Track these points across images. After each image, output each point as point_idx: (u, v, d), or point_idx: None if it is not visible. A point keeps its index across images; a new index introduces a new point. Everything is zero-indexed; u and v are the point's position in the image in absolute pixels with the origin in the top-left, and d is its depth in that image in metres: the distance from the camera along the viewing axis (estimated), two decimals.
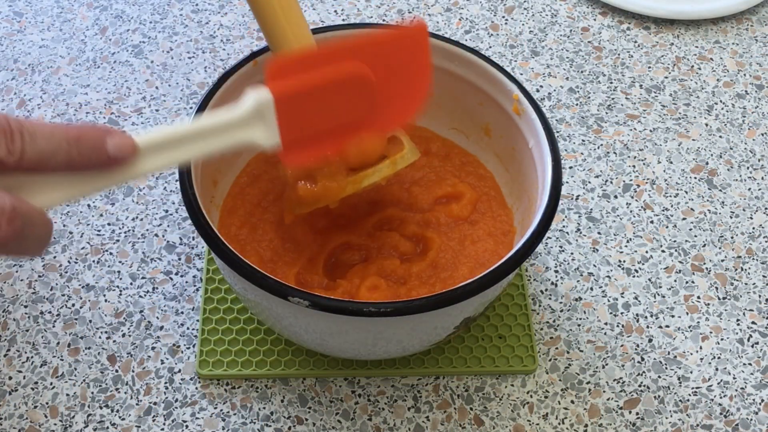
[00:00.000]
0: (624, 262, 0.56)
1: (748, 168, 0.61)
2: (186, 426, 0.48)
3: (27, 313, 0.52)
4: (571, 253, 0.56)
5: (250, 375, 0.50)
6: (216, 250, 0.42)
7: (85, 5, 0.70)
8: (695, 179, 0.61)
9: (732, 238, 0.58)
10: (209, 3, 0.70)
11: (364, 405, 0.49)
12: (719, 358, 0.52)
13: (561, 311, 0.54)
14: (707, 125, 0.64)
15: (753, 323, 0.54)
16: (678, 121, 0.64)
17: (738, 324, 0.54)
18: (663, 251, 0.57)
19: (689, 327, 0.53)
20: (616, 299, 0.54)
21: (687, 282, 0.55)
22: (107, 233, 0.56)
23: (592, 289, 0.55)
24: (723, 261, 0.56)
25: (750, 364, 0.52)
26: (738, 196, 0.60)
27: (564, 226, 0.58)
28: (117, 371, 0.50)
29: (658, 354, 0.52)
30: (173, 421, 0.48)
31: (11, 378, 0.50)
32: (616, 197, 0.59)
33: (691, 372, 0.51)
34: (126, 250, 0.55)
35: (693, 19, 0.70)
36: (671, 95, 0.66)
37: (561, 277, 0.55)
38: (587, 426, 0.49)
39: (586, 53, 0.68)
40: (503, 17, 0.70)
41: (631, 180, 0.60)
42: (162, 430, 0.48)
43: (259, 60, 0.49)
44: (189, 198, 0.43)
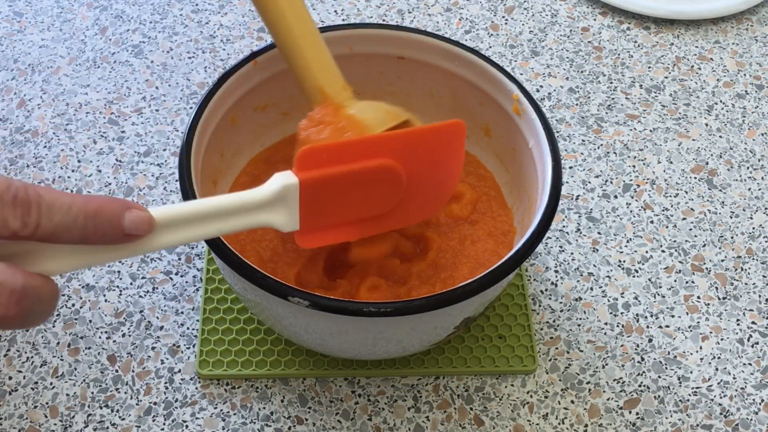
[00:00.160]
0: (624, 262, 0.56)
1: (748, 168, 0.62)
2: (186, 426, 0.48)
3: None
4: (571, 253, 0.56)
5: (250, 375, 0.50)
6: (216, 250, 0.42)
7: (85, 5, 0.70)
8: (695, 179, 0.61)
9: (732, 238, 0.58)
10: (209, 3, 0.70)
11: (364, 405, 0.49)
12: (719, 358, 0.52)
13: (561, 311, 0.54)
14: (707, 125, 0.64)
15: (753, 323, 0.54)
16: (678, 121, 0.64)
17: (738, 324, 0.54)
18: (663, 251, 0.57)
19: (689, 327, 0.53)
20: (616, 299, 0.54)
21: (687, 282, 0.55)
22: None
23: (592, 289, 0.55)
24: (723, 261, 0.56)
25: (750, 364, 0.52)
26: (738, 196, 0.60)
27: (564, 226, 0.58)
28: (117, 371, 0.50)
29: (658, 354, 0.52)
30: (173, 421, 0.48)
31: (11, 378, 0.50)
32: (616, 197, 0.59)
33: (691, 372, 0.51)
34: None
35: (693, 19, 0.70)
36: (671, 95, 0.66)
37: (561, 277, 0.55)
38: (587, 426, 0.49)
39: (586, 53, 0.68)
40: (503, 17, 0.70)
41: (631, 180, 0.60)
42: (162, 430, 0.48)
43: (260, 60, 0.49)
44: (189, 198, 0.43)
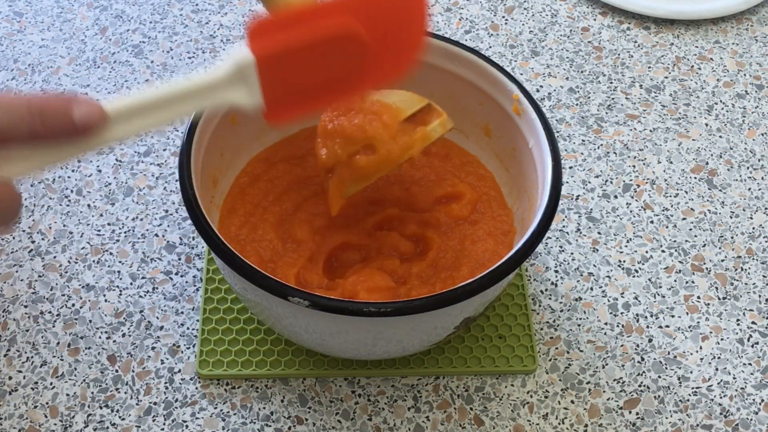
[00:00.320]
0: (624, 262, 0.56)
1: (748, 168, 0.61)
2: (186, 426, 0.48)
3: (27, 313, 0.52)
4: (571, 253, 0.56)
5: (250, 375, 0.50)
6: (216, 250, 0.42)
7: (85, 5, 0.70)
8: (695, 179, 0.61)
9: (732, 238, 0.58)
10: (209, 3, 0.70)
11: (364, 405, 0.49)
12: (719, 358, 0.52)
13: (561, 311, 0.54)
14: (707, 125, 0.64)
15: (753, 323, 0.54)
16: (678, 121, 0.64)
17: (738, 324, 0.54)
18: (663, 251, 0.57)
19: (689, 327, 0.53)
20: (616, 299, 0.54)
21: (687, 282, 0.55)
22: (107, 233, 0.56)
23: (592, 289, 0.55)
24: (723, 261, 0.56)
25: (750, 364, 0.52)
26: (738, 196, 0.60)
27: (564, 226, 0.58)
28: (117, 371, 0.50)
29: (658, 354, 0.52)
30: (173, 421, 0.48)
31: (11, 378, 0.50)
32: (616, 197, 0.59)
33: (691, 372, 0.51)
34: (126, 250, 0.55)
35: (693, 19, 0.70)
36: (671, 95, 0.66)
37: (561, 277, 0.55)
38: (587, 426, 0.49)
39: (586, 53, 0.68)
40: (503, 17, 0.70)
41: (631, 180, 0.60)
42: (162, 430, 0.48)
43: None
44: (189, 198, 0.43)
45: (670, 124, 0.64)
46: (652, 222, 0.58)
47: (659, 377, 0.51)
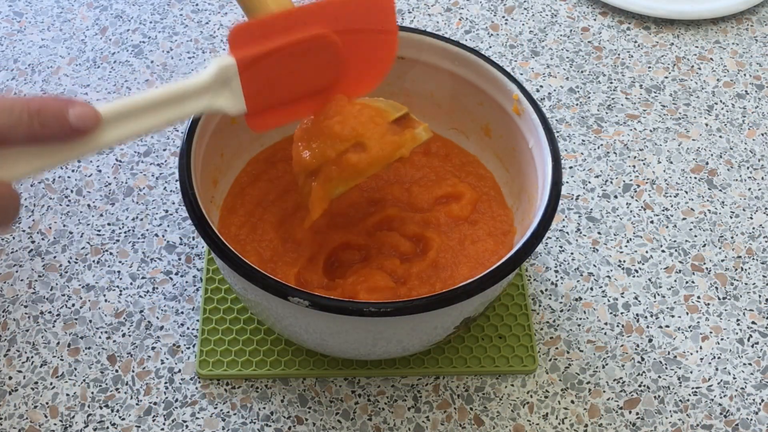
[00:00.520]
0: (624, 262, 0.56)
1: (748, 168, 0.61)
2: (186, 426, 0.48)
3: (27, 313, 0.52)
4: (571, 253, 0.56)
5: (250, 375, 0.50)
6: (216, 249, 0.42)
7: (85, 5, 0.70)
8: (695, 179, 0.61)
9: (732, 238, 0.58)
10: (209, 3, 0.70)
11: (364, 405, 0.49)
12: (719, 358, 0.52)
13: (561, 311, 0.54)
14: (707, 125, 0.64)
15: (753, 323, 0.54)
16: (678, 121, 0.64)
17: (738, 324, 0.54)
18: (663, 251, 0.57)
19: (689, 327, 0.53)
20: (616, 299, 0.54)
21: (687, 282, 0.55)
22: (107, 233, 0.56)
23: (592, 289, 0.55)
24: (723, 261, 0.56)
25: (750, 364, 0.52)
26: (738, 196, 0.60)
27: (564, 226, 0.58)
28: (117, 371, 0.50)
29: (658, 354, 0.52)
30: (173, 421, 0.48)
31: (11, 378, 0.50)
32: (616, 197, 0.59)
33: (691, 372, 0.51)
34: (126, 250, 0.55)
35: (693, 19, 0.70)
36: (671, 95, 0.66)
37: (561, 277, 0.55)
38: (587, 426, 0.49)
39: (586, 53, 0.68)
40: (503, 17, 0.70)
41: (631, 180, 0.60)
42: (162, 430, 0.48)
43: None
44: (189, 198, 0.43)
45: (670, 124, 0.64)
46: (652, 222, 0.58)
47: (659, 377, 0.51)
